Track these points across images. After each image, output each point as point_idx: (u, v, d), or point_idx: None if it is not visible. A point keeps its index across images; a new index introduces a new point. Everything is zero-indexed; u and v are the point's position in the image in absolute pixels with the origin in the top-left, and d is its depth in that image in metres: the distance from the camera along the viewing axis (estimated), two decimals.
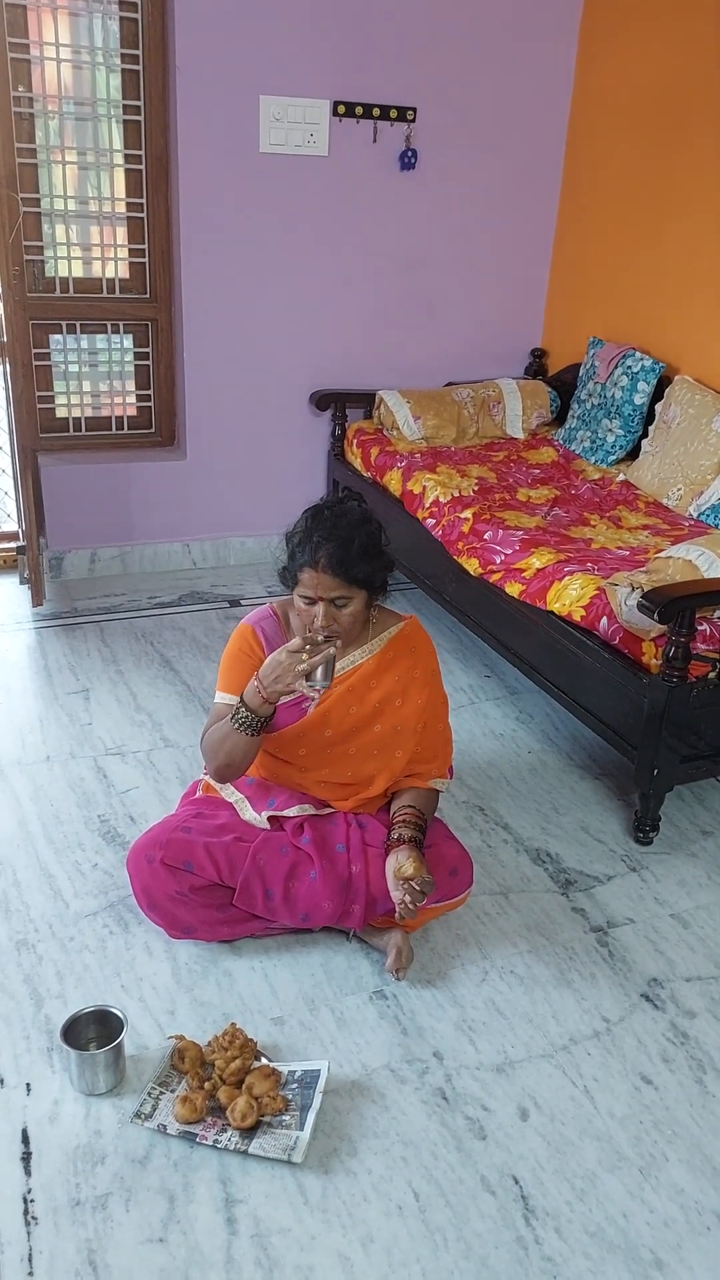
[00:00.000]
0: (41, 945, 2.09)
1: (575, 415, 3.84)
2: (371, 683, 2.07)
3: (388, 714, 2.08)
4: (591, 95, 3.86)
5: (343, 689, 2.06)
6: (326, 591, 1.91)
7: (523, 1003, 2.02)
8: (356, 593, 1.94)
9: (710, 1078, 1.87)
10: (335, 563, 1.88)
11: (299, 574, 1.93)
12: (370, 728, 2.08)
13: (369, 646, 2.09)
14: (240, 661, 2.07)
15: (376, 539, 1.97)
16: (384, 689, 2.07)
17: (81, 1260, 1.51)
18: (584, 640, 2.57)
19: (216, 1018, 1.94)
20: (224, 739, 1.97)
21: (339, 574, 1.89)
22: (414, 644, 2.12)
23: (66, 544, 3.81)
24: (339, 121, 3.63)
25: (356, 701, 2.07)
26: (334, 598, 1.92)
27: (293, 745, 2.08)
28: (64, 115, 3.43)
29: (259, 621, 2.10)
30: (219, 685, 2.11)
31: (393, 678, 2.08)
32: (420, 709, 2.09)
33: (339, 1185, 1.64)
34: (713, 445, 3.20)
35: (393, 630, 2.11)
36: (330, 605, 1.93)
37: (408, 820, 2.03)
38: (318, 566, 1.89)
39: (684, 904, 2.32)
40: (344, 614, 1.95)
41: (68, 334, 3.68)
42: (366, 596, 1.98)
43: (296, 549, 1.94)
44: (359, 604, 1.96)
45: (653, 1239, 1.59)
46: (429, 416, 3.80)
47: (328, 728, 2.06)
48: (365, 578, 1.94)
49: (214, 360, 3.78)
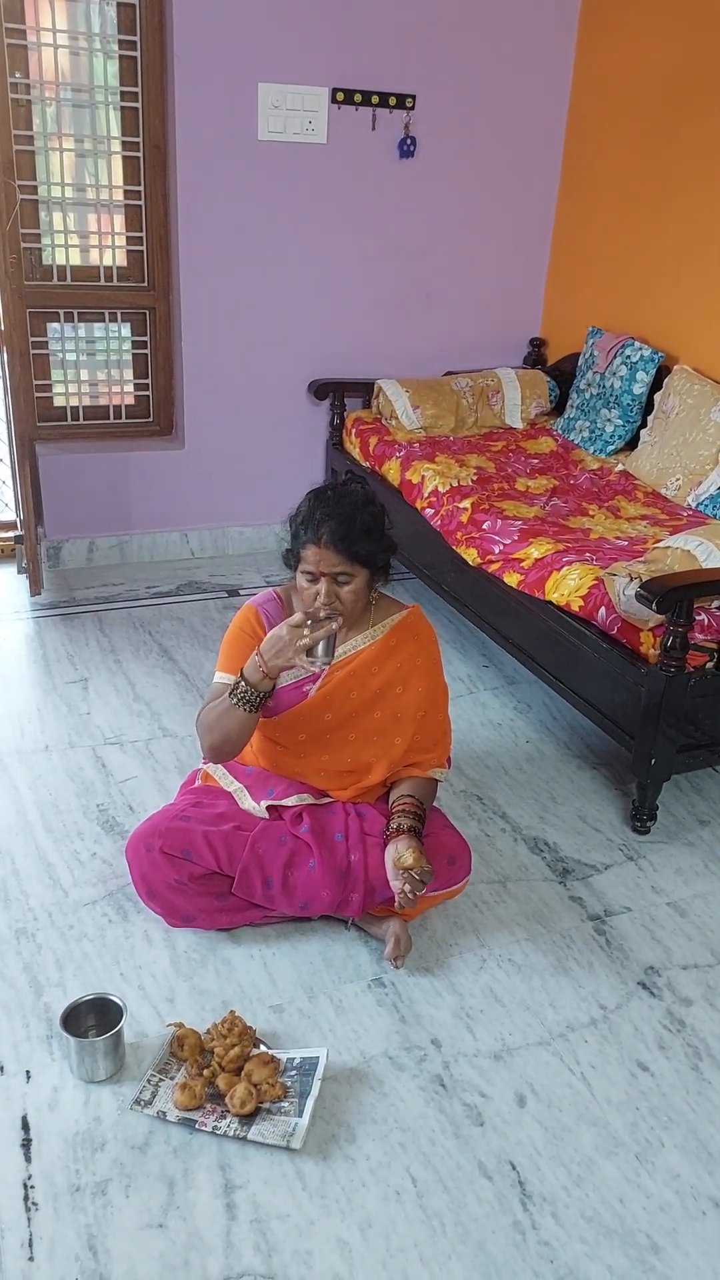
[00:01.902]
0: (41, 934, 2.10)
1: (574, 405, 3.84)
2: (373, 668, 2.08)
3: (388, 700, 2.09)
4: (591, 83, 3.84)
5: (344, 673, 2.07)
6: (329, 567, 1.93)
7: (520, 990, 2.03)
8: (358, 570, 1.96)
9: (706, 1064, 1.89)
10: (338, 538, 1.90)
11: (302, 551, 1.95)
12: (370, 713, 2.08)
13: (371, 632, 2.10)
14: (242, 641, 2.07)
15: (379, 520, 1.99)
16: (385, 675, 2.08)
17: (81, 1245, 1.52)
18: (582, 630, 2.57)
19: (215, 1005, 1.94)
20: (220, 715, 1.97)
21: (341, 550, 1.91)
22: (416, 631, 2.13)
23: (64, 533, 3.81)
24: (338, 109, 3.62)
25: (358, 686, 2.08)
26: (336, 573, 1.93)
27: (293, 729, 2.08)
28: (61, 102, 3.42)
29: (262, 604, 2.11)
30: (219, 665, 2.11)
31: (394, 664, 2.09)
32: (421, 697, 2.10)
33: (337, 1171, 1.65)
34: (711, 435, 3.20)
35: (396, 618, 2.12)
36: (332, 582, 1.94)
37: (407, 810, 2.04)
38: (320, 542, 1.91)
39: (681, 892, 2.33)
40: (345, 591, 1.96)
41: (65, 322, 3.67)
42: (368, 576, 1.99)
43: (300, 527, 1.96)
44: (360, 582, 1.97)
45: (649, 1224, 1.60)
46: (428, 406, 3.80)
47: (328, 712, 2.07)
48: (367, 555, 1.95)
49: (212, 349, 3.78)
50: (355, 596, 1.98)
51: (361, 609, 2.05)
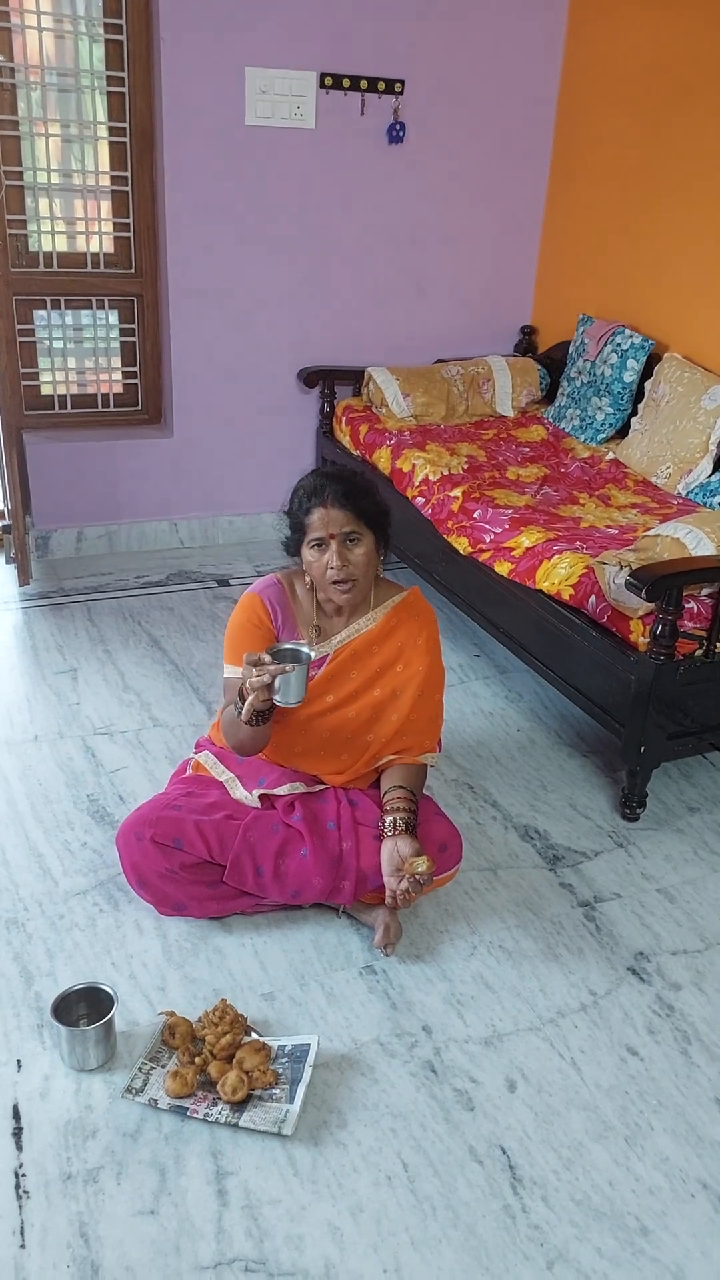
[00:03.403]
0: (31, 924, 2.09)
1: (565, 393, 3.83)
2: (374, 649, 2.10)
3: (388, 678, 2.10)
4: (581, 68, 3.82)
5: (347, 655, 2.09)
6: (338, 527, 1.95)
7: (511, 977, 2.04)
8: (366, 531, 1.98)
9: (695, 1049, 1.90)
10: (343, 496, 1.94)
11: (307, 519, 1.97)
12: (370, 692, 2.10)
13: (372, 615, 2.11)
14: (248, 633, 2.08)
15: (376, 489, 2.03)
16: (385, 654, 2.10)
17: (73, 1233, 1.52)
18: (572, 619, 2.57)
19: (207, 994, 1.95)
20: (232, 723, 2.00)
21: (348, 507, 1.94)
22: (417, 611, 2.14)
23: (53, 523, 3.79)
24: (326, 94, 3.59)
25: (358, 666, 2.09)
26: (346, 533, 1.95)
27: (293, 710, 2.08)
28: (46, 86, 3.39)
29: (265, 590, 2.12)
30: (226, 657, 2.12)
31: (394, 644, 2.10)
32: (420, 675, 2.10)
33: (329, 1157, 1.65)
34: (701, 423, 3.20)
35: (395, 599, 2.14)
36: (342, 545, 1.95)
37: (401, 806, 2.04)
38: (327, 503, 1.94)
39: (670, 879, 2.34)
40: (356, 554, 1.97)
41: (52, 310, 3.65)
42: (375, 540, 2.01)
43: (302, 499, 1.98)
44: (369, 545, 1.99)
45: (638, 1206, 1.61)
46: (418, 394, 3.79)
47: (329, 693, 2.08)
48: (373, 514, 1.99)
49: (201, 337, 3.76)
50: (367, 560, 1.99)
51: (371, 581, 2.06)
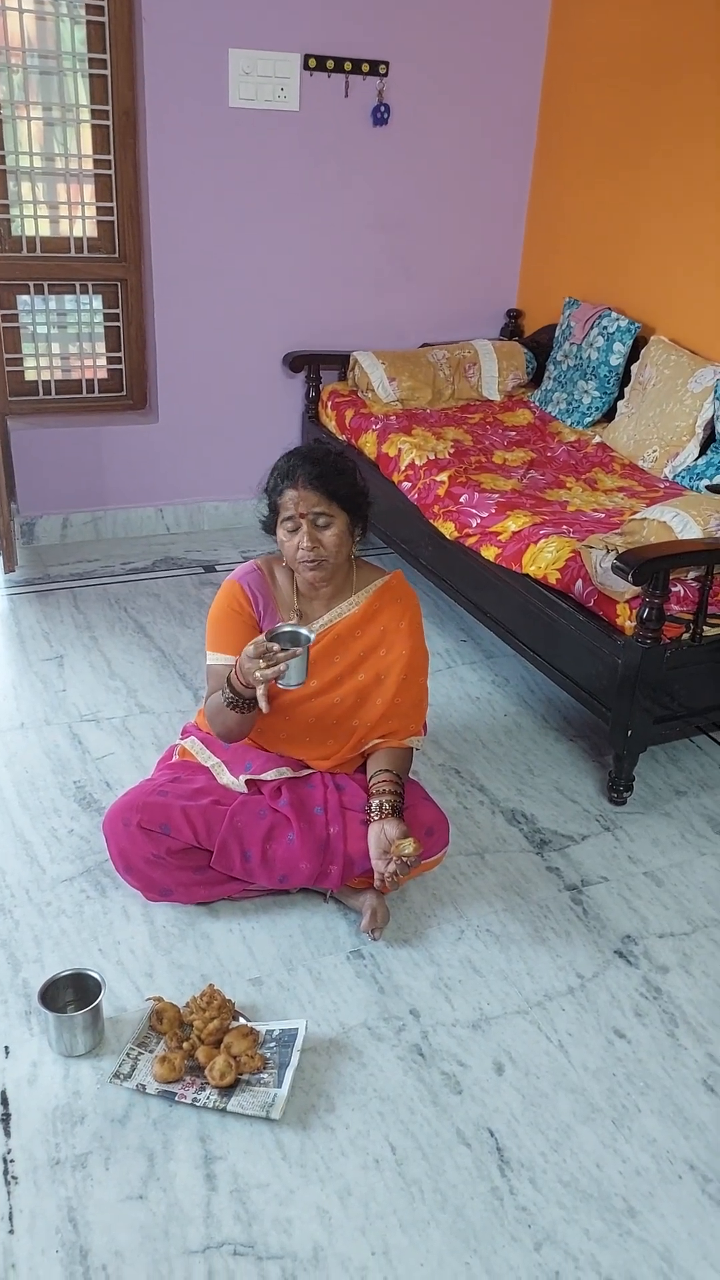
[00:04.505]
0: (18, 910, 2.09)
1: (551, 377, 3.82)
2: (356, 633, 2.09)
3: (371, 662, 2.10)
4: (566, 49, 3.80)
5: (328, 640, 2.08)
6: (309, 508, 1.94)
7: (498, 960, 2.04)
8: (338, 512, 1.98)
9: (682, 1031, 1.91)
10: (314, 477, 1.94)
11: (279, 500, 1.97)
12: (354, 676, 2.10)
13: (354, 599, 2.11)
14: (229, 619, 2.07)
15: (353, 469, 2.03)
16: (368, 639, 2.10)
17: (62, 1218, 1.52)
18: (559, 603, 2.57)
19: (194, 979, 1.94)
20: (219, 710, 2.00)
21: (319, 488, 1.94)
22: (399, 594, 2.14)
23: (38, 509, 3.77)
24: (310, 75, 3.56)
25: (341, 651, 2.09)
26: (317, 514, 1.95)
27: (277, 696, 2.08)
28: (28, 69, 3.35)
29: (244, 577, 2.11)
30: (208, 644, 2.11)
31: (377, 628, 2.10)
32: (404, 660, 2.10)
33: (317, 1140, 1.66)
34: (688, 406, 3.20)
35: (377, 583, 2.13)
36: (313, 526, 1.95)
37: (388, 790, 2.04)
38: (298, 484, 1.94)
39: (657, 862, 2.35)
40: (328, 535, 1.97)
41: (35, 295, 3.61)
42: (348, 521, 2.00)
43: (276, 480, 1.98)
44: (341, 526, 1.99)
45: (625, 1188, 1.62)
46: (404, 378, 3.77)
47: (312, 678, 2.07)
48: (346, 495, 1.98)
49: (185, 321, 3.73)
50: (338, 541, 1.99)
51: (344, 561, 2.06)
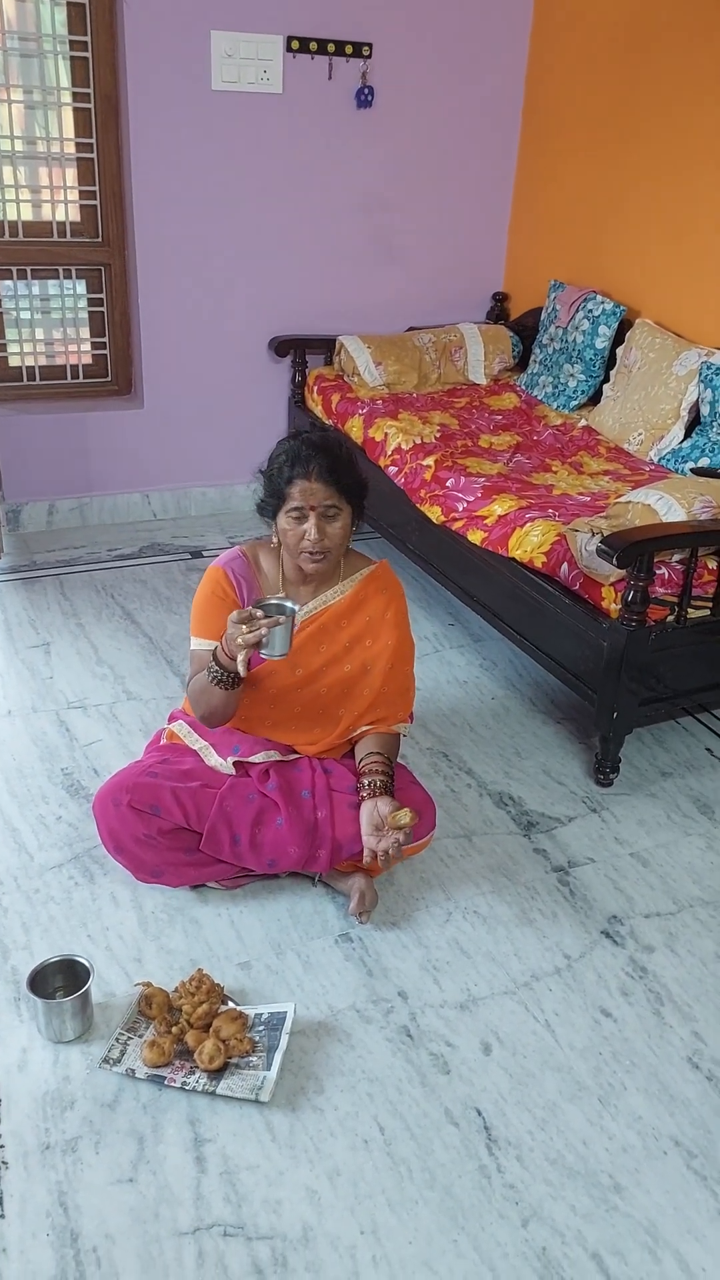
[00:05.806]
0: (7, 898, 2.09)
1: (537, 360, 3.82)
2: (342, 622, 2.09)
3: (357, 653, 2.10)
4: (551, 31, 3.77)
5: (314, 628, 2.08)
6: (319, 500, 1.95)
7: (485, 942, 2.05)
8: (345, 505, 1.99)
9: (668, 1009, 1.92)
10: (326, 471, 1.94)
11: (287, 489, 1.96)
12: (340, 666, 2.10)
13: (340, 587, 2.11)
14: (213, 605, 2.07)
15: (356, 461, 2.03)
16: (354, 628, 2.10)
17: (52, 1202, 1.53)
18: (545, 586, 2.58)
19: (183, 964, 1.95)
20: (203, 690, 1.99)
21: (331, 482, 1.94)
22: (385, 584, 2.14)
23: (23, 496, 3.75)
24: (293, 58, 3.53)
25: (326, 640, 2.09)
26: (326, 506, 1.95)
27: (262, 684, 2.08)
28: (8, 51, 3.31)
29: (229, 563, 2.11)
30: (192, 630, 2.11)
31: (364, 618, 2.10)
32: (390, 650, 2.10)
33: (306, 1122, 1.67)
34: (673, 389, 3.20)
35: (365, 571, 2.14)
36: (321, 518, 1.95)
37: (379, 769, 2.05)
38: (310, 476, 1.93)
39: (643, 843, 2.36)
40: (334, 528, 1.98)
41: (18, 280, 3.59)
42: (351, 514, 2.01)
43: (284, 466, 1.97)
44: (346, 520, 2.00)
45: (611, 1164, 1.64)
46: (390, 362, 3.76)
47: (298, 667, 2.07)
48: (353, 488, 1.99)
49: (170, 306, 3.71)
50: (343, 534, 2.01)
51: (343, 553, 2.07)
